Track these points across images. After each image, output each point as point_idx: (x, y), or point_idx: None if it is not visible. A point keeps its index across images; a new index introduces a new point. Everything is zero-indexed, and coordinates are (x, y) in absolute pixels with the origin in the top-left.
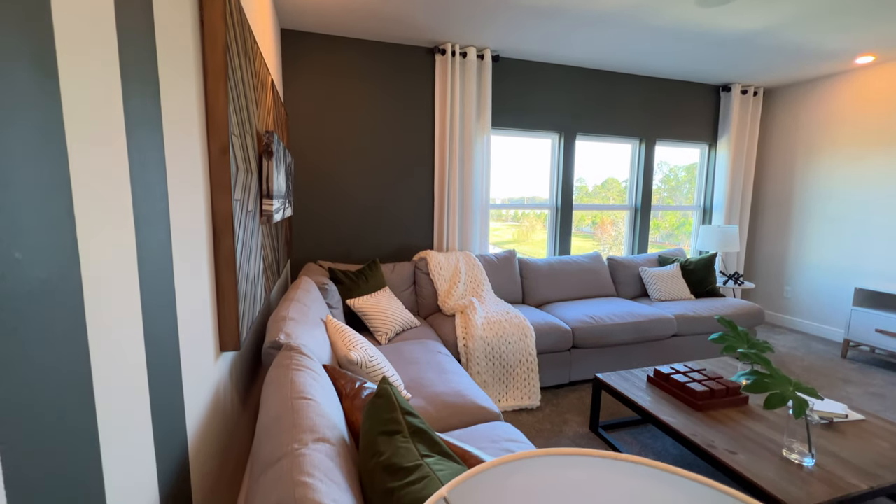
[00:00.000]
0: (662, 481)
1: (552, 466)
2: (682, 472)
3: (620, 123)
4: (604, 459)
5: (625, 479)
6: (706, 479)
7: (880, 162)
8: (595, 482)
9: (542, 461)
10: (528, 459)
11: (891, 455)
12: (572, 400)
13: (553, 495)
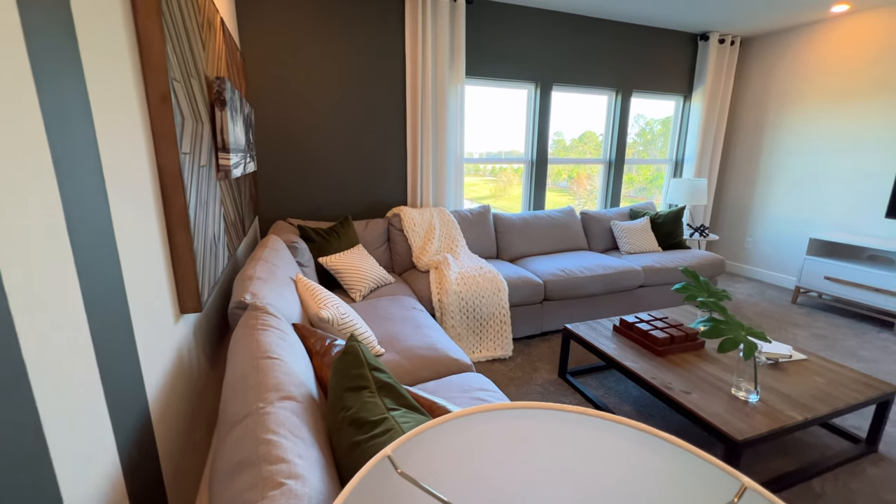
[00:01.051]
0: (604, 429)
1: (494, 420)
2: (624, 420)
3: (597, 74)
4: (545, 411)
5: (567, 428)
6: (645, 426)
7: (839, 117)
8: (537, 432)
9: (484, 416)
10: (470, 416)
11: (825, 389)
12: (543, 349)
13: (496, 447)
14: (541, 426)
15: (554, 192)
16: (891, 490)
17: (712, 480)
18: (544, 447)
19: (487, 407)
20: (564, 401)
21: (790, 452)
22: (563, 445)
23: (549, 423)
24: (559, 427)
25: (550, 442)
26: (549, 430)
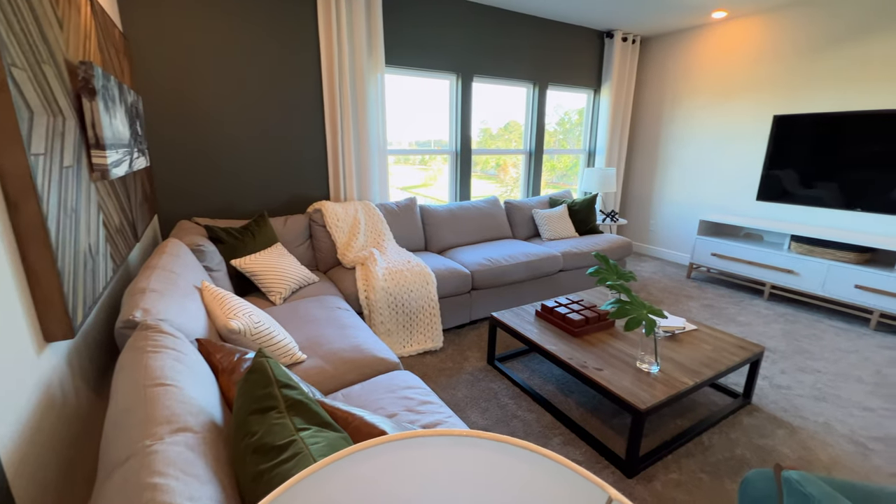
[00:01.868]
0: (493, 450)
1: (379, 455)
2: (507, 439)
3: (515, 66)
4: (425, 438)
5: (457, 452)
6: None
7: (720, 112)
8: (427, 459)
9: (366, 453)
10: (342, 461)
11: (711, 355)
12: (473, 338)
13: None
14: (427, 453)
15: (483, 178)
16: (762, 435)
17: (587, 493)
18: (429, 474)
19: (376, 442)
20: (493, 386)
21: (685, 413)
22: (451, 471)
23: (435, 450)
24: (446, 452)
25: (437, 468)
26: (437, 457)
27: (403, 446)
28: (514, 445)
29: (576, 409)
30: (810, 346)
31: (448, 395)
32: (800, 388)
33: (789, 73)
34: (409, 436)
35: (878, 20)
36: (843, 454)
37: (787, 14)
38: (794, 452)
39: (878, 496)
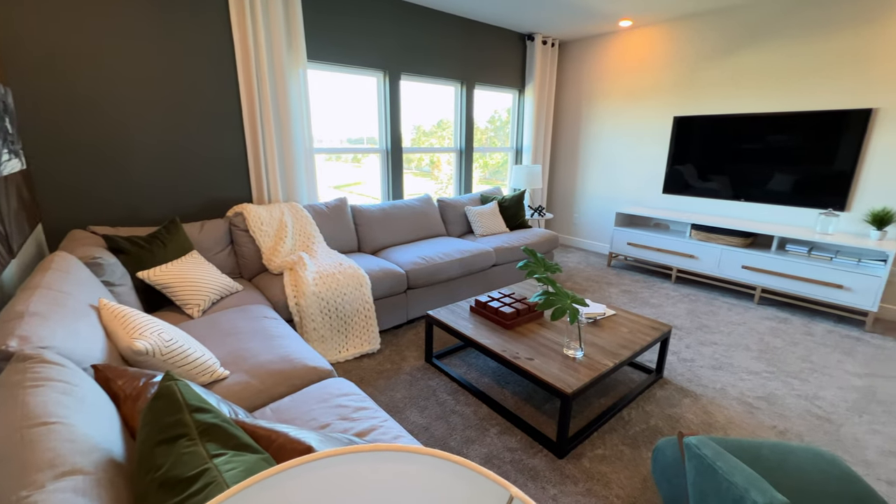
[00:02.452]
0: (407, 462)
1: (297, 476)
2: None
3: (443, 65)
4: (333, 458)
5: (369, 468)
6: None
7: (629, 113)
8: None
9: (284, 475)
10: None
11: (628, 337)
12: (410, 337)
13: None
14: (337, 471)
15: (418, 175)
16: (671, 405)
17: (490, 492)
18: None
19: (296, 462)
20: (431, 384)
21: (608, 392)
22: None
23: (341, 467)
24: (351, 469)
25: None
26: (343, 474)
27: (308, 469)
28: (416, 454)
29: (511, 399)
30: (709, 322)
31: (387, 398)
32: (701, 359)
33: (686, 78)
34: (312, 458)
35: (751, 37)
36: (735, 414)
37: (682, 26)
38: (697, 417)
39: (759, 448)
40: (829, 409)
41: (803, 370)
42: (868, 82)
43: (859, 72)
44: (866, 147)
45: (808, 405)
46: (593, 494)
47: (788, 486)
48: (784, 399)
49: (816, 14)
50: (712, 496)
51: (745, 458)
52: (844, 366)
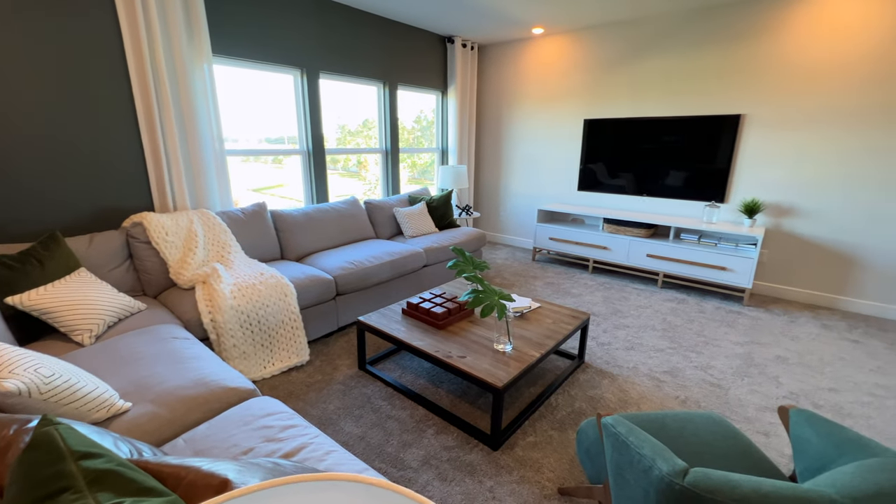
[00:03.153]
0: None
1: None
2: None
3: (364, 65)
4: (252, 495)
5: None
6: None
7: (545, 114)
8: None
9: None
10: None
11: (552, 327)
12: (342, 345)
13: None
14: None
15: (346, 176)
16: (592, 387)
17: None
18: None
19: None
20: (366, 391)
21: (537, 381)
22: None
23: None
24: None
25: None
26: None
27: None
28: (333, 480)
29: (446, 398)
30: (622, 307)
31: (319, 411)
32: (616, 342)
33: (594, 83)
34: (223, 500)
35: (645, 49)
36: (646, 389)
37: (588, 36)
38: (615, 396)
39: (664, 419)
40: (718, 376)
41: (698, 344)
42: (736, 92)
43: (729, 83)
44: (738, 148)
45: (703, 374)
46: (526, 481)
47: (688, 450)
48: (684, 371)
49: (694, 33)
50: (627, 468)
51: (653, 430)
52: (729, 337)
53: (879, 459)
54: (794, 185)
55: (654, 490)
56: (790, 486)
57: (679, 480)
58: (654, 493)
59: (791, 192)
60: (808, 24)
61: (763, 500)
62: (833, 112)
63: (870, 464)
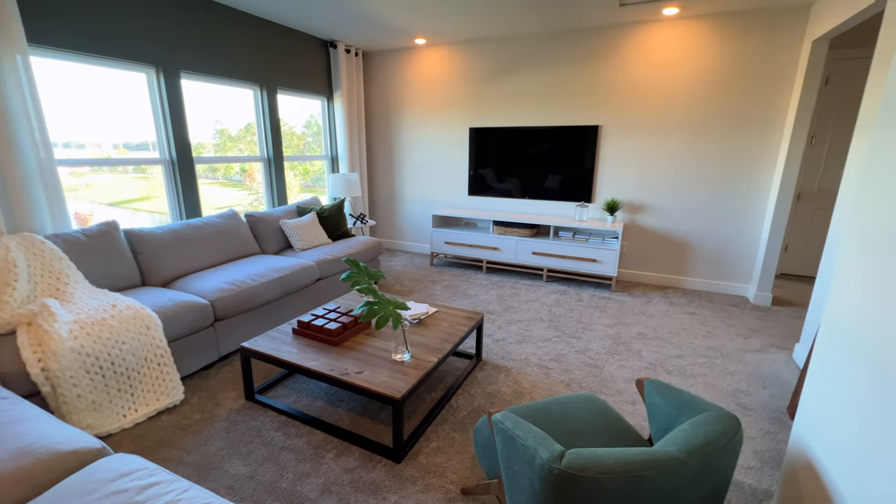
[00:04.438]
0: None
1: None
2: None
3: (236, 66)
4: None
5: None
6: None
7: (434, 122)
8: None
9: None
10: None
11: (449, 330)
12: (225, 375)
13: None
14: None
15: (228, 186)
16: (490, 383)
17: None
18: None
19: None
20: (255, 424)
21: (438, 385)
22: None
23: None
24: None
25: None
26: None
27: None
28: None
29: (347, 417)
30: (513, 303)
31: (197, 456)
32: (510, 337)
33: (476, 93)
34: None
35: (519, 63)
36: (537, 378)
37: (468, 48)
38: (510, 388)
39: (548, 406)
40: (595, 357)
41: (578, 330)
42: (594, 105)
43: (588, 97)
44: (598, 154)
45: (583, 357)
46: (431, 488)
47: (570, 431)
48: (568, 357)
49: (556, 53)
50: (515, 461)
51: (540, 417)
52: (602, 320)
53: (706, 414)
54: (641, 185)
55: (537, 477)
56: (643, 450)
57: (557, 465)
58: (537, 479)
59: (639, 191)
60: (641, 51)
61: (624, 468)
62: (666, 124)
63: (699, 419)
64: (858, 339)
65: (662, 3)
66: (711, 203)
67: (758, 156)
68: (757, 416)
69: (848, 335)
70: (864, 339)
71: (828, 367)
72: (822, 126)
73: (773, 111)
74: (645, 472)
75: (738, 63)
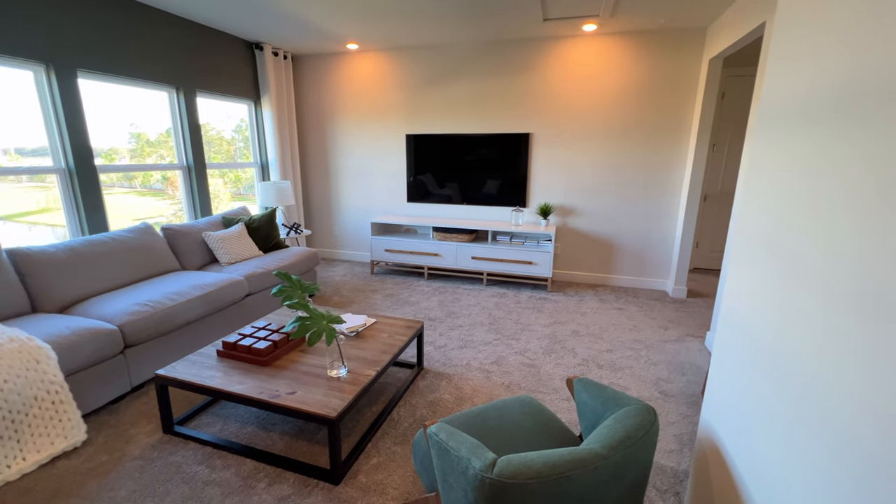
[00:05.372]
0: None
1: None
2: None
3: (147, 66)
4: None
5: None
6: None
7: (370, 128)
8: None
9: None
10: None
11: (388, 341)
12: (139, 408)
13: None
14: None
15: (148, 195)
16: (432, 391)
17: None
18: None
19: None
20: (175, 459)
21: (378, 398)
22: None
23: None
24: None
25: None
26: None
27: None
28: None
29: (280, 441)
30: (455, 308)
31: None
32: (451, 343)
33: (412, 100)
34: None
35: (452, 71)
36: (478, 383)
37: (401, 55)
38: (452, 395)
39: (485, 413)
40: (533, 357)
41: (517, 331)
42: (525, 114)
43: (520, 106)
44: (531, 160)
45: (522, 358)
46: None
47: (506, 435)
48: (507, 359)
49: (488, 63)
50: (450, 473)
51: (477, 425)
52: (539, 320)
53: (626, 409)
54: (570, 190)
55: (471, 488)
56: (570, 450)
57: (489, 474)
58: (471, 491)
59: (569, 196)
60: (565, 64)
61: (551, 471)
62: (589, 133)
63: (619, 414)
64: (743, 331)
65: (582, 19)
66: (632, 206)
67: (669, 162)
68: (676, 402)
69: (735, 328)
70: (746, 331)
71: (723, 356)
72: (721, 135)
73: (679, 122)
74: (571, 471)
75: (649, 78)
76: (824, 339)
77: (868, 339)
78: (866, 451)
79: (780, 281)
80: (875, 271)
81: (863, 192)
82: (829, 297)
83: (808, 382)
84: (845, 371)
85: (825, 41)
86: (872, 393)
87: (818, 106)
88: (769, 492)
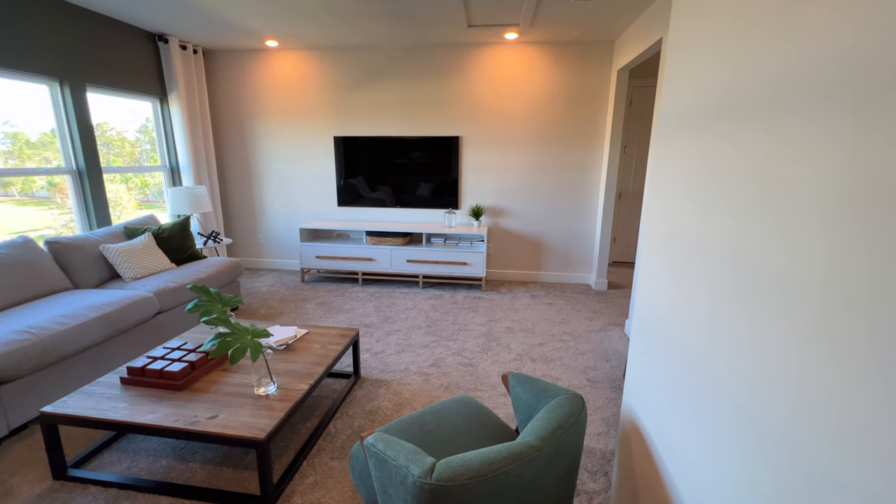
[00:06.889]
0: None
1: None
2: None
3: (21, 56)
4: None
5: None
6: None
7: (295, 130)
8: None
9: None
10: None
11: (321, 352)
12: (20, 453)
13: None
14: None
15: (30, 204)
16: (370, 400)
17: None
18: None
19: None
20: (75, 503)
21: (313, 412)
22: None
23: None
24: None
25: None
26: None
27: None
28: None
29: (202, 471)
30: (391, 313)
31: None
32: (389, 348)
33: (339, 102)
34: None
35: (378, 74)
36: (417, 387)
37: (324, 55)
38: (391, 402)
39: (423, 417)
40: (470, 356)
41: (454, 332)
42: (453, 117)
43: (448, 109)
44: (461, 163)
45: (459, 358)
46: None
47: (445, 437)
48: (445, 360)
49: (416, 66)
50: (389, 484)
51: (415, 430)
52: (475, 320)
53: (557, 399)
54: (500, 192)
55: (410, 497)
56: (506, 446)
57: (428, 479)
58: (411, 499)
59: (499, 197)
60: (489, 70)
61: (489, 469)
62: (514, 137)
63: (551, 405)
64: (650, 316)
65: (504, 27)
66: (557, 206)
67: (587, 164)
68: (602, 388)
69: (645, 313)
70: (652, 315)
71: (636, 341)
72: (631, 139)
73: (594, 127)
74: (509, 466)
75: (567, 85)
76: (709, 314)
77: (745, 310)
78: (745, 404)
79: (676, 266)
80: (747, 251)
81: (741, 185)
82: (712, 277)
83: (697, 356)
84: (728, 340)
85: (709, 58)
86: (753, 356)
87: (703, 112)
88: (681, 459)
